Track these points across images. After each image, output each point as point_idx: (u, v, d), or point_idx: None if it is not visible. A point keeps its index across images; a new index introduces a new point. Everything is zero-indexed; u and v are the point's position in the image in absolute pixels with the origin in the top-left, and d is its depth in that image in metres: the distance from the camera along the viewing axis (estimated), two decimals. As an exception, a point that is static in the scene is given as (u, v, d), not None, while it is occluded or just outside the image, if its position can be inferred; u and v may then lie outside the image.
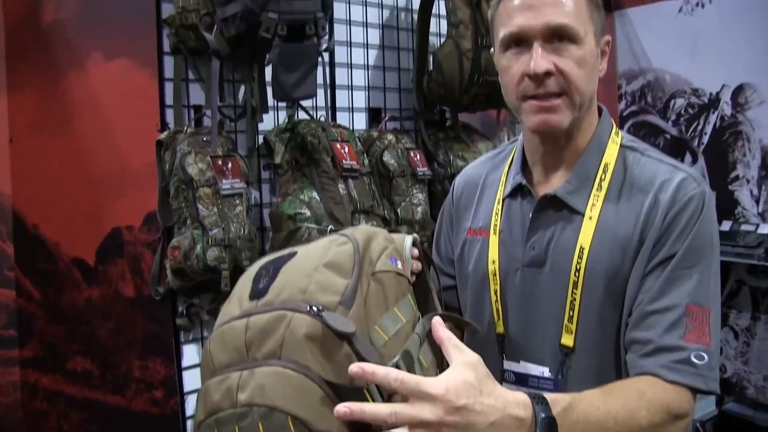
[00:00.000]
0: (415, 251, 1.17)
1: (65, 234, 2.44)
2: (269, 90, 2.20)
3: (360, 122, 2.58)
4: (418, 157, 2.52)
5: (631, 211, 1.23)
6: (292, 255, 1.03)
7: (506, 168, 1.39)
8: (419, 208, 2.47)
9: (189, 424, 2.08)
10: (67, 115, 2.36)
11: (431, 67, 2.61)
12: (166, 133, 2.01)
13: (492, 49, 1.32)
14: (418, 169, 2.48)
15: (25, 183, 2.57)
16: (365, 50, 2.59)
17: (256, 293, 0.97)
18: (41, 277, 2.54)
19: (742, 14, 3.39)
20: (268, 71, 2.20)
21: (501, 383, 0.99)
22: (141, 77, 2.08)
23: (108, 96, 2.22)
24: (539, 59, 1.17)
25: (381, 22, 2.65)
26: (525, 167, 1.35)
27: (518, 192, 1.34)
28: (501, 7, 1.23)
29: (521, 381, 1.30)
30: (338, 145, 2.23)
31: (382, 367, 0.87)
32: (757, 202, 3.35)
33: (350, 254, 1.00)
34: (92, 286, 2.31)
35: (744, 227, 3.23)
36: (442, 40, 2.78)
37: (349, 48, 2.52)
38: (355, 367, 0.85)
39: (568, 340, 1.24)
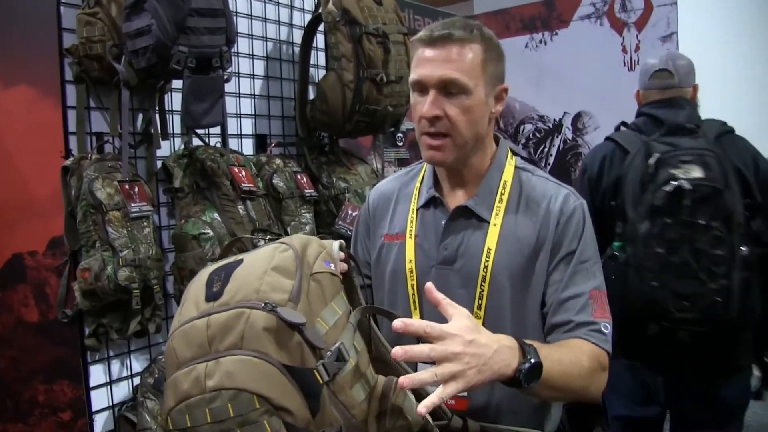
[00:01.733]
0: (342, 254, 1.36)
1: (-44, 263, 2.39)
2: (168, 118, 2.31)
3: (248, 148, 2.73)
4: (305, 179, 2.69)
5: (527, 218, 1.50)
6: (239, 262, 1.19)
7: (418, 183, 1.63)
8: (307, 227, 2.64)
9: (98, 442, 2.12)
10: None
11: (312, 96, 2.79)
12: (71, 159, 2.07)
13: None
14: (305, 191, 2.66)
15: None
16: (252, 80, 2.74)
17: (212, 296, 1.13)
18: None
19: (580, 51, 3.85)
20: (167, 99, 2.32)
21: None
22: (43, 105, 2.11)
23: (5, 123, 2.22)
24: (430, 105, 1.42)
25: (266, 54, 2.81)
26: (437, 183, 1.58)
27: (431, 203, 1.58)
28: (414, 54, 1.47)
29: None
30: (236, 169, 2.37)
31: (418, 320, 1.14)
32: (594, 215, 3.81)
33: (292, 259, 1.17)
34: (-10, 313, 2.29)
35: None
36: (321, 72, 2.98)
37: (237, 78, 2.65)
38: (399, 323, 1.10)
39: None
